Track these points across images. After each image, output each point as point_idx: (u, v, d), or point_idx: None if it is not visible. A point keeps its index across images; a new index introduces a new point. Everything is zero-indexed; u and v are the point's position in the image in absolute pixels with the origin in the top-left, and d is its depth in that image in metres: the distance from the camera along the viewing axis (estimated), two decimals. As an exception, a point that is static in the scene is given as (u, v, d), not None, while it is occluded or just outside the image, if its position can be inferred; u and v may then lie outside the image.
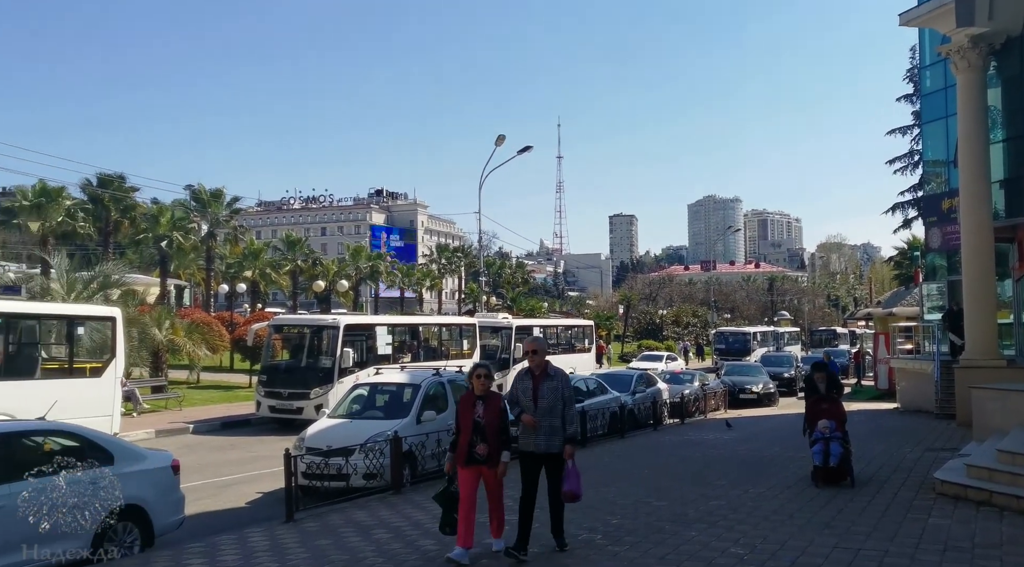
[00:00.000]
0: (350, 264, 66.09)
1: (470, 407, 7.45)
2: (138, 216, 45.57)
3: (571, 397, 7.61)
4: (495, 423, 7.34)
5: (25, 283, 24.14)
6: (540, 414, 7.36)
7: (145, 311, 26.94)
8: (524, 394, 7.52)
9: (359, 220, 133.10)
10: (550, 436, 7.37)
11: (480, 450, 7.28)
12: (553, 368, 7.69)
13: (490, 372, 7.66)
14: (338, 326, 21.62)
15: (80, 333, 16.81)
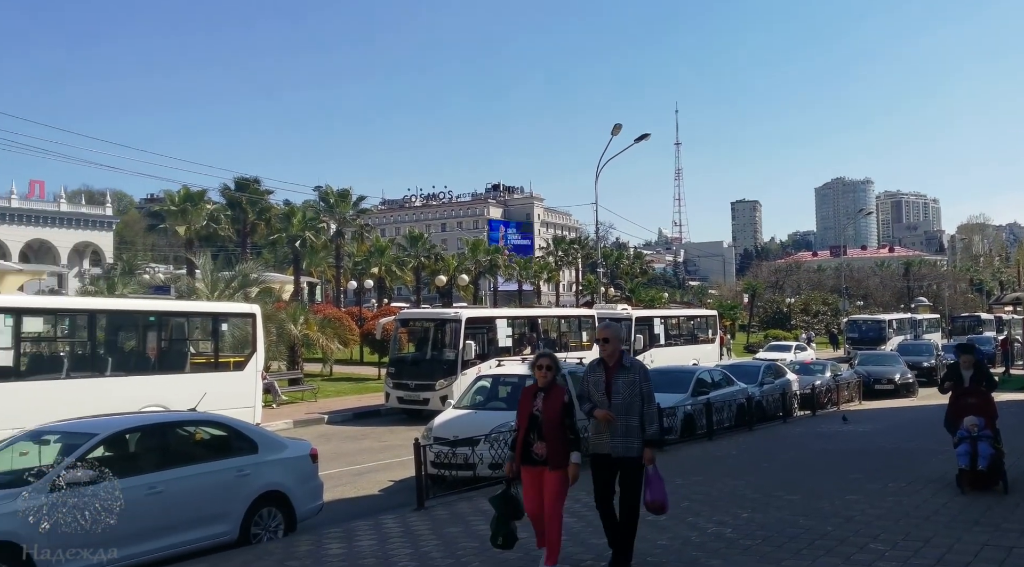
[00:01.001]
0: (469, 258, 67.13)
1: (529, 400, 6.66)
2: (273, 217, 47.95)
3: (650, 393, 6.68)
4: (556, 418, 6.45)
5: (174, 283, 25.89)
6: (615, 411, 6.54)
7: (281, 307, 28.29)
8: (595, 388, 6.69)
9: (477, 215, 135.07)
10: (626, 437, 6.51)
11: (538, 449, 6.45)
12: (629, 359, 6.81)
13: (554, 362, 6.77)
14: (460, 319, 22.07)
15: (224, 329, 17.85)
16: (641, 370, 6.72)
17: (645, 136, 33.98)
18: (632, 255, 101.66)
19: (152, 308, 16.82)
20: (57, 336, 15.50)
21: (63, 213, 76.34)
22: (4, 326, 13.08)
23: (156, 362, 15.75)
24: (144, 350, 15.85)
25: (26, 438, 8.25)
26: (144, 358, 15.67)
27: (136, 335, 16.00)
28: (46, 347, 15.22)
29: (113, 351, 15.32)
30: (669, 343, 30.88)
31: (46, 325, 15.26)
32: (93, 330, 15.09)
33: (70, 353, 15.03)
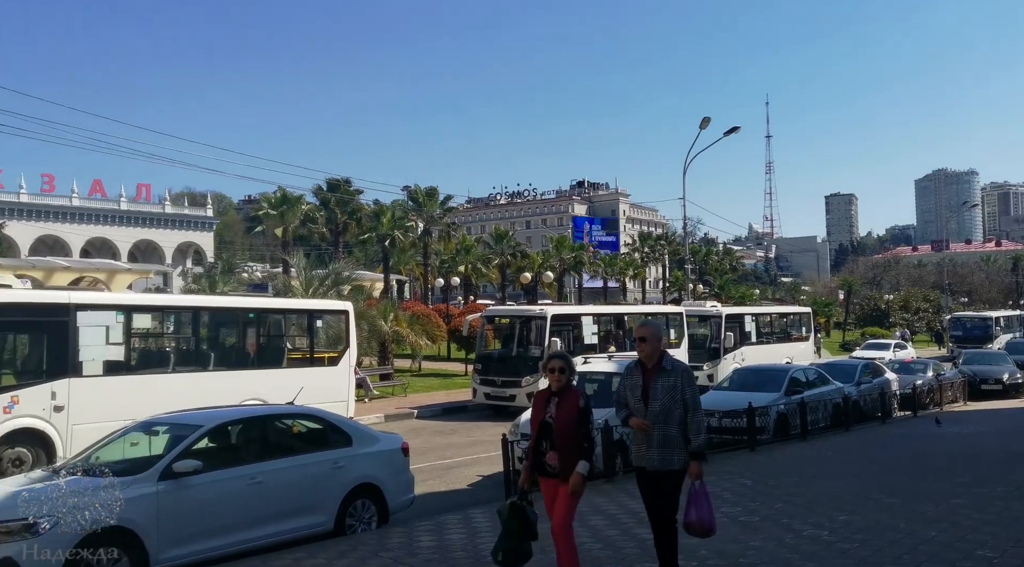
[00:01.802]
0: (554, 255, 67.13)
1: (542, 405, 6.12)
2: (363, 217, 49.20)
3: (695, 399, 5.95)
4: (569, 425, 5.88)
5: (271, 281, 26.81)
6: (652, 419, 5.89)
7: (372, 305, 28.96)
8: (632, 392, 6.04)
9: (562, 212, 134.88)
10: (665, 449, 5.85)
11: (550, 459, 5.92)
12: (671, 360, 6.08)
13: (567, 365, 6.15)
14: (545, 316, 22.13)
15: (318, 326, 18.40)
16: (684, 373, 6.03)
17: (735, 129, 33.27)
18: (721, 251, 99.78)
19: (251, 305, 17.47)
20: (164, 332, 16.28)
21: (167, 215, 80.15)
22: (116, 323, 13.80)
23: (255, 357, 16.34)
24: (244, 346, 16.50)
25: (137, 429, 8.70)
26: (244, 353, 16.30)
27: (236, 331, 16.67)
28: (153, 343, 16.01)
29: (215, 347, 15.99)
30: (761, 341, 30.17)
31: (154, 322, 16.04)
32: (197, 326, 15.79)
33: (175, 348, 15.77)
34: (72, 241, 71.60)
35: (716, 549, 7.29)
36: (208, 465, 7.72)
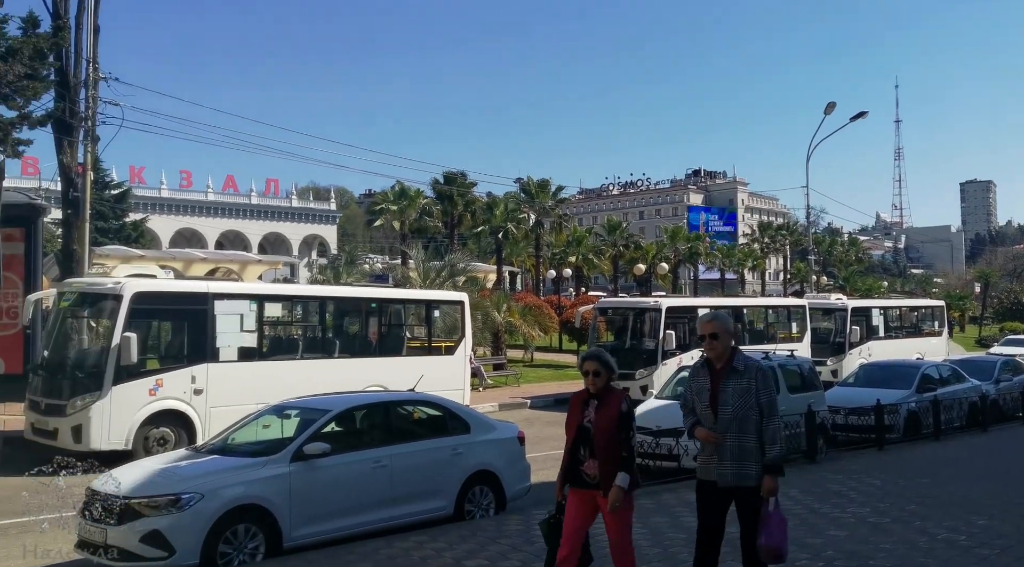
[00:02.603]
0: (668, 246, 66.08)
1: (579, 409, 5.53)
2: (477, 209, 49.97)
3: (772, 404, 5.23)
4: (610, 432, 5.30)
5: (390, 273, 27.61)
6: (722, 427, 5.19)
7: (485, 296, 29.37)
8: (699, 396, 5.37)
9: (676, 202, 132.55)
10: (738, 462, 5.15)
11: (588, 468, 5.36)
12: (743, 359, 5.34)
13: (604, 366, 5.46)
14: (660, 309, 21.84)
15: (436, 315, 18.86)
16: (759, 374, 5.28)
17: (862, 114, 31.83)
18: (846, 241, 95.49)
19: (373, 295, 18.08)
20: (292, 320, 17.06)
21: (294, 208, 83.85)
22: (249, 311, 14.57)
23: (376, 346, 16.90)
24: (366, 334, 17.09)
25: (270, 412, 9.18)
26: (366, 342, 16.89)
27: (359, 320, 17.28)
28: (283, 331, 16.81)
29: (339, 335, 16.64)
30: (889, 336, 28.75)
31: (283, 310, 16.83)
32: (323, 315, 16.47)
33: (303, 336, 16.51)
34: (207, 234, 76.05)
35: (845, 550, 7.04)
36: (336, 448, 8.05)
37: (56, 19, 17.31)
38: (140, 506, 7.03)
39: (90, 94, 17.73)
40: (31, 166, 51.02)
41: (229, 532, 7.21)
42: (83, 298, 13.72)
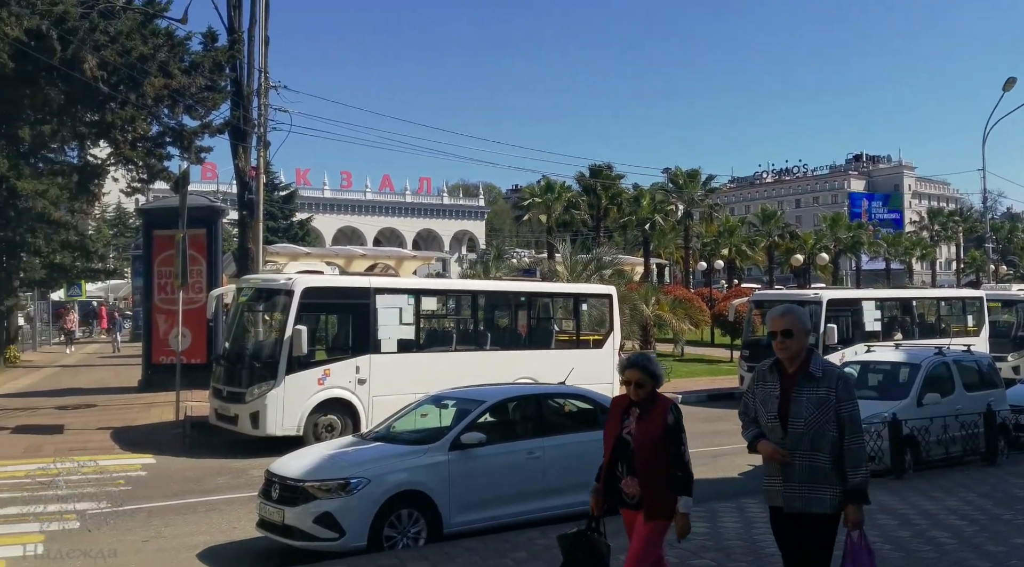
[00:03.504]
0: (828, 236, 63.04)
1: (618, 418, 4.91)
2: (623, 202, 49.73)
3: (855, 418, 4.39)
4: (653, 446, 4.68)
5: (538, 267, 27.94)
6: (792, 442, 4.39)
7: (633, 289, 29.15)
8: (765, 405, 4.54)
9: (836, 189, 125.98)
10: (809, 485, 4.35)
11: (628, 487, 4.78)
12: (821, 363, 4.52)
13: (647, 373, 4.84)
14: (820, 301, 20.89)
15: (583, 309, 18.91)
16: (839, 382, 4.42)
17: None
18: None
19: (523, 289, 18.36)
20: (446, 314, 17.63)
21: (445, 205, 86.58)
22: (407, 305, 15.17)
23: (526, 338, 17.17)
24: (516, 327, 17.38)
25: (428, 402, 9.54)
26: (516, 335, 17.18)
27: (509, 313, 17.60)
28: (437, 323, 17.40)
29: (490, 328, 17.02)
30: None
31: (438, 304, 17.41)
32: (475, 309, 16.89)
33: (456, 329, 17.02)
34: (366, 231, 79.86)
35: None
36: (491, 438, 8.26)
37: (231, 33, 18.67)
38: (313, 489, 7.50)
39: (262, 102, 19.07)
40: (210, 171, 55.44)
41: (394, 516, 7.57)
42: (258, 293, 14.77)
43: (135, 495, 10.24)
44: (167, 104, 14.86)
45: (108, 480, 10.99)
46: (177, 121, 15.93)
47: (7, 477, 11.14)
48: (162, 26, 15.09)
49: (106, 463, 12.22)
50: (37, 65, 12.98)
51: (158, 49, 14.41)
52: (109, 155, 17.16)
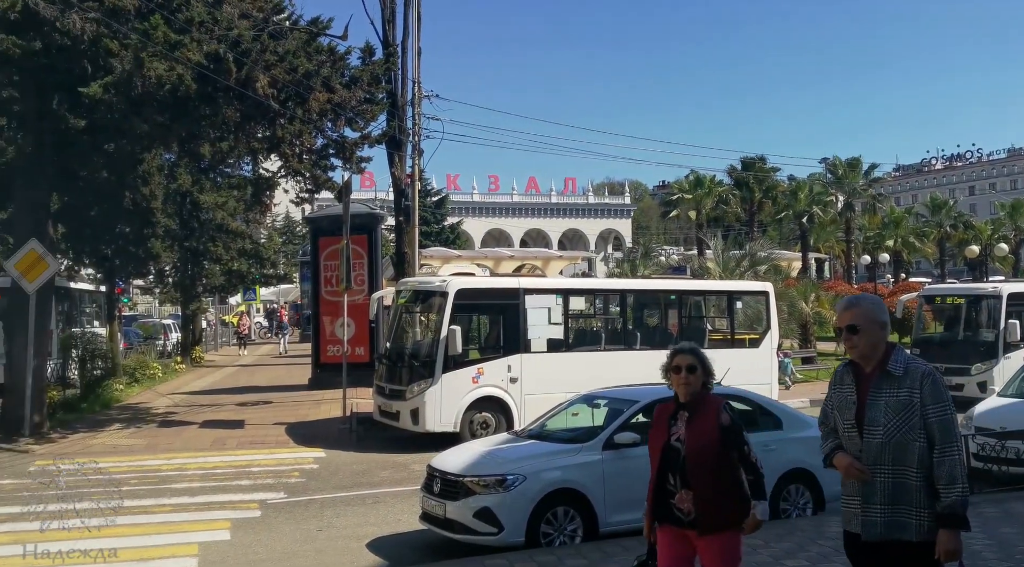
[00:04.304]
0: (1007, 224, 58.02)
1: (665, 423, 4.37)
2: (778, 195, 48.00)
3: (948, 425, 3.64)
4: (707, 452, 4.16)
5: (687, 264, 27.46)
6: (870, 455, 3.69)
7: (791, 285, 28.07)
8: (841, 411, 3.87)
9: (1016, 174, 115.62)
10: (891, 506, 3.64)
11: (681, 502, 4.17)
12: (904, 360, 3.75)
13: (699, 360, 4.37)
14: (1000, 295, 19.36)
15: (738, 307, 18.39)
16: (926, 382, 3.67)
17: None
18: None
19: (672, 287, 18.14)
20: (594, 313, 17.66)
21: (590, 205, 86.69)
22: (556, 305, 15.34)
23: (677, 338, 16.89)
24: (666, 326, 17.16)
25: (580, 401, 9.59)
26: (666, 334, 16.95)
27: (659, 312, 17.40)
28: (586, 323, 17.45)
29: (640, 327, 16.89)
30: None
31: (586, 304, 17.48)
32: (623, 308, 16.82)
33: (605, 328, 17.01)
34: (513, 233, 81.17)
35: None
36: (644, 438, 8.20)
37: (386, 47, 19.57)
38: (472, 484, 7.74)
39: (416, 112, 19.88)
40: (368, 180, 58.24)
41: (550, 514, 7.69)
42: (415, 295, 15.38)
43: (308, 487, 10.94)
44: (330, 118, 15.71)
45: (284, 472, 11.81)
46: (339, 134, 16.84)
47: (197, 468, 12.20)
48: (324, 43, 15.98)
49: (282, 456, 13.15)
50: (216, 86, 14.06)
51: (321, 66, 15.24)
52: (279, 168, 18.40)
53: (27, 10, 12.47)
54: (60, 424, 15.91)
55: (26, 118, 15.17)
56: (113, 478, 11.44)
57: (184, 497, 10.31)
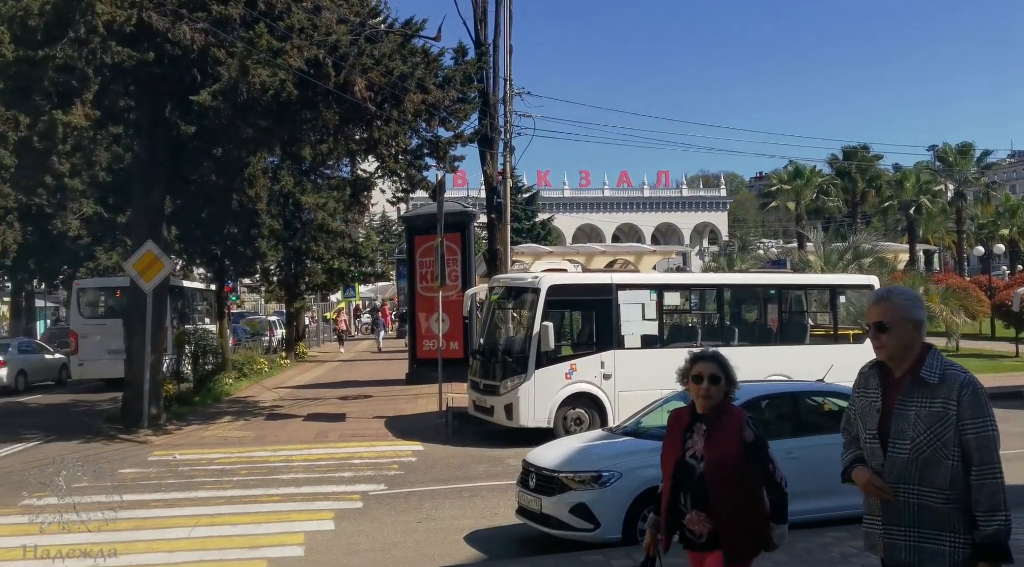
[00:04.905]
0: None
1: (679, 436, 3.93)
2: (883, 184, 46.16)
3: (988, 442, 3.17)
4: (728, 469, 3.72)
5: (787, 257, 26.71)
6: (894, 470, 3.27)
7: (897, 278, 26.97)
8: (864, 417, 3.45)
9: None
10: (917, 530, 3.23)
11: (693, 524, 3.78)
12: (941, 365, 3.30)
13: (722, 368, 3.89)
14: None
15: (841, 301, 17.76)
16: (963, 391, 3.21)
17: None
18: None
19: (772, 282, 17.67)
20: (690, 309, 17.38)
21: (684, 198, 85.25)
22: (649, 300, 15.17)
23: (777, 334, 16.46)
24: (766, 322, 16.73)
25: (676, 398, 9.41)
26: (766, 330, 16.53)
27: (758, 308, 16.99)
28: (680, 319, 17.19)
29: (737, 323, 16.52)
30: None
31: (681, 299, 17.22)
32: (720, 303, 16.51)
33: (701, 324, 16.72)
34: (605, 228, 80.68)
35: None
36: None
37: (478, 46, 19.79)
38: (567, 480, 7.77)
39: (508, 109, 20.04)
40: (460, 178, 59.02)
41: (647, 511, 7.63)
42: (508, 292, 15.51)
43: (407, 479, 11.20)
44: (424, 118, 16.02)
45: (384, 464, 12.13)
46: (433, 133, 17.16)
47: (302, 460, 12.67)
48: (418, 45, 16.30)
49: (381, 449, 13.51)
50: (315, 90, 14.53)
51: (416, 67, 15.54)
52: (376, 168, 18.91)
53: (141, 22, 13.19)
54: (175, 416, 16.79)
55: (141, 126, 16.09)
56: (224, 468, 12.05)
57: (290, 488, 10.72)
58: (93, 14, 12.41)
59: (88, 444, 14.31)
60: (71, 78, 13.49)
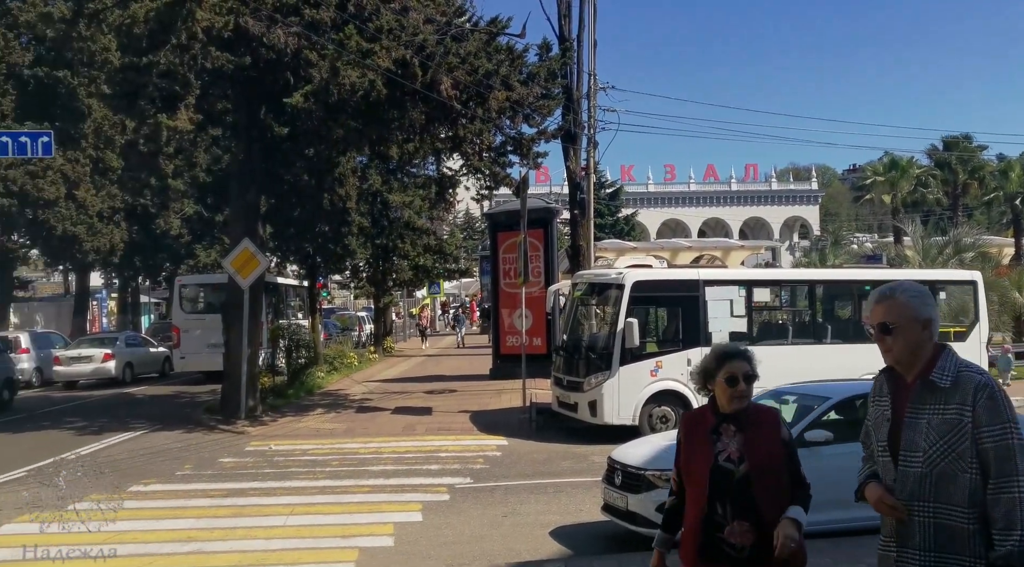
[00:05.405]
0: None
1: (705, 439, 3.46)
2: (986, 175, 43.93)
3: (1004, 448, 2.79)
4: (772, 471, 3.38)
5: (883, 252, 25.75)
6: (907, 486, 2.92)
7: (1002, 274, 25.64)
8: (877, 427, 3.12)
9: None
10: (935, 553, 2.87)
11: (733, 535, 3.33)
12: (955, 367, 2.94)
13: (753, 367, 3.48)
14: None
15: (941, 297, 17.03)
16: (980, 396, 2.85)
17: None
18: None
19: (866, 278, 17.04)
20: (780, 305, 16.95)
21: (774, 191, 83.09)
22: (738, 297, 14.88)
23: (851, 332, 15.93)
24: (859, 319, 16.17)
25: (767, 397, 9.23)
26: (860, 327, 15.96)
27: (851, 304, 16.44)
28: (770, 316, 16.79)
29: (830, 320, 16.04)
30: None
31: (771, 295, 16.82)
32: (811, 300, 16.05)
33: (792, 321, 16.29)
34: (690, 223, 79.39)
35: None
36: (836, 437, 7.84)
37: (562, 42, 19.76)
38: (654, 478, 7.69)
39: (591, 104, 19.95)
40: (543, 174, 59.10)
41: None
42: (591, 288, 15.45)
43: (492, 473, 11.31)
44: (508, 115, 16.12)
45: (470, 458, 12.29)
46: (517, 130, 17.23)
47: (391, 452, 12.95)
48: (503, 42, 16.40)
49: (467, 443, 13.68)
50: (403, 90, 14.80)
51: (500, 64, 15.65)
52: (461, 166, 19.14)
53: (238, 28, 13.72)
54: (271, 408, 17.40)
55: (238, 128, 16.73)
56: (317, 459, 12.44)
57: (380, 479, 10.98)
58: (193, 20, 12.99)
59: (190, 433, 14.99)
60: (174, 83, 14.15)
